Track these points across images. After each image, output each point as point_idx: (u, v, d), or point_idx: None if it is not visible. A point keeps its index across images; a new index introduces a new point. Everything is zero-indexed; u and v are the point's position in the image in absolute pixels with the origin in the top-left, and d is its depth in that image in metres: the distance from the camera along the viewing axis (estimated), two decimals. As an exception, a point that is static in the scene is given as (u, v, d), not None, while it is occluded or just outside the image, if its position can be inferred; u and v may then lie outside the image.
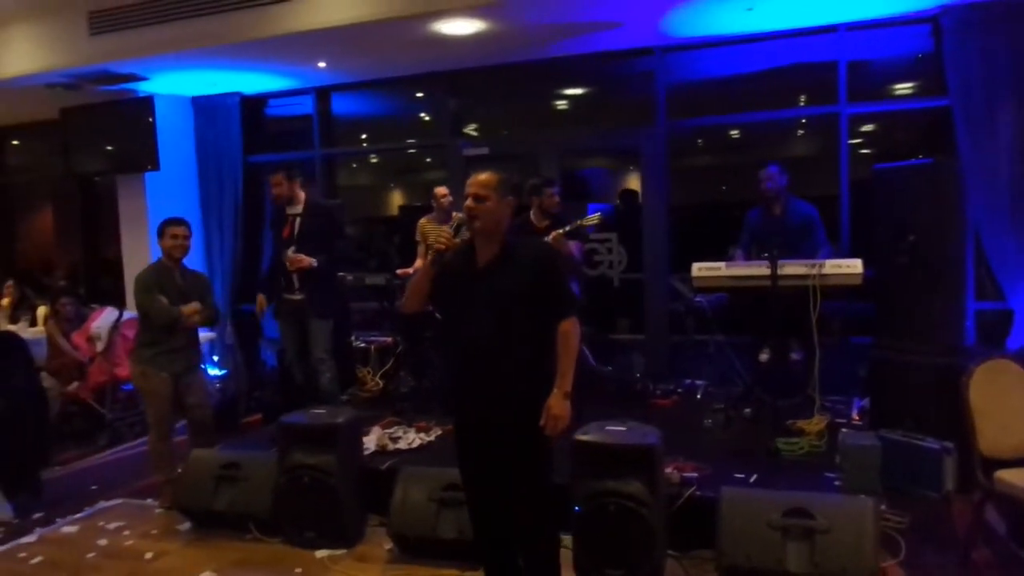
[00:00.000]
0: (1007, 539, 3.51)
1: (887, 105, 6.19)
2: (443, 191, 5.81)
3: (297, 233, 4.95)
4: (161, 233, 4.39)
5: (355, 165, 11.83)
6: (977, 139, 5.07)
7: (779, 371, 4.81)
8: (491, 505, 2.86)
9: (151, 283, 4.32)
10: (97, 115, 7.08)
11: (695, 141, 9.45)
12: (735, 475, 3.88)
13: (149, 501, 4.57)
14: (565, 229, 4.85)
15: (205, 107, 7.31)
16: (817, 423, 4.51)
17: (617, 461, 3.25)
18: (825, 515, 3.09)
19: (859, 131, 7.93)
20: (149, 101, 6.87)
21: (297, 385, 5.18)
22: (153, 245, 4.54)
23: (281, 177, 4.95)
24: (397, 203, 13.06)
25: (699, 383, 5.84)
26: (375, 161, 12.00)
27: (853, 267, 4.36)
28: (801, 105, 6.93)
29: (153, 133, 6.84)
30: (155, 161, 6.88)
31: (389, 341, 6.39)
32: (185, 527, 4.17)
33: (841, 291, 4.43)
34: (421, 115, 8.26)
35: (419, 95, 7.58)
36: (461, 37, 5.52)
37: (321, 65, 6.41)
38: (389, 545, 3.78)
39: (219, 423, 4.91)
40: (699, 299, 5.43)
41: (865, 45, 5.68)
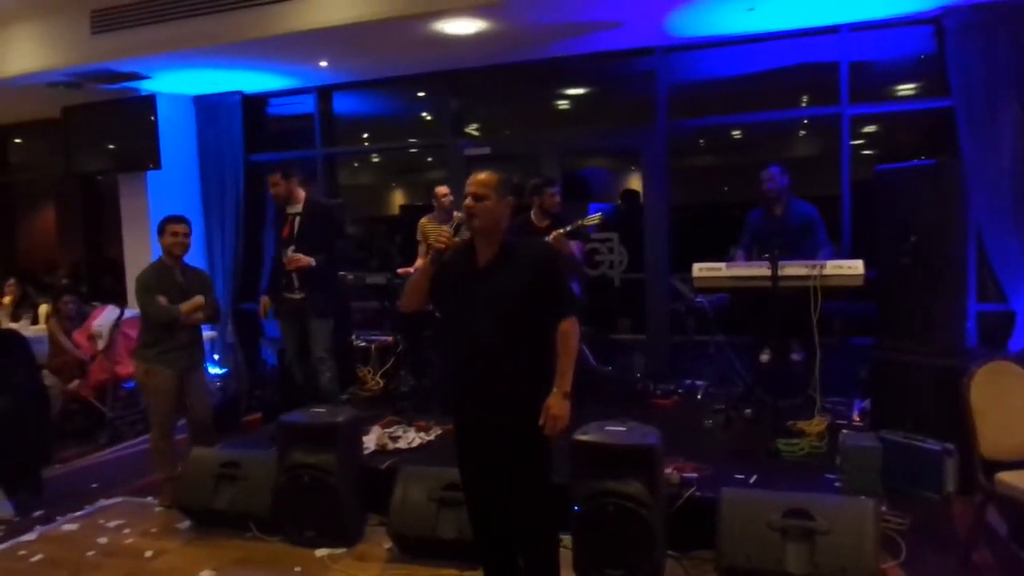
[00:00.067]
0: (1008, 541, 3.51)
1: (889, 106, 6.18)
2: (444, 191, 5.82)
3: (296, 232, 4.94)
4: (161, 231, 4.40)
5: (356, 164, 11.81)
6: (979, 140, 5.06)
7: (780, 372, 4.81)
8: (491, 505, 2.86)
9: (150, 283, 4.32)
10: (99, 114, 7.09)
11: (696, 141, 9.43)
12: (735, 476, 3.87)
13: (149, 499, 4.57)
14: (566, 229, 4.86)
15: (207, 106, 7.31)
16: (818, 424, 4.50)
17: (617, 461, 3.25)
18: (825, 516, 3.09)
19: (861, 132, 7.91)
20: (151, 100, 6.87)
21: (297, 384, 5.18)
22: (155, 244, 4.54)
23: (278, 177, 4.95)
24: (398, 202, 13.05)
25: (700, 383, 5.83)
26: (376, 160, 11.99)
27: (854, 268, 4.35)
28: (803, 106, 6.91)
29: (155, 132, 6.85)
30: (157, 160, 6.89)
31: (389, 340, 6.38)
32: (185, 525, 4.17)
33: (842, 292, 4.43)
34: (422, 115, 8.24)
35: (420, 95, 7.57)
36: (462, 37, 5.52)
37: (323, 64, 6.41)
38: (389, 544, 3.78)
39: (219, 422, 4.93)
40: (700, 299, 5.43)
41: (867, 46, 5.67)
